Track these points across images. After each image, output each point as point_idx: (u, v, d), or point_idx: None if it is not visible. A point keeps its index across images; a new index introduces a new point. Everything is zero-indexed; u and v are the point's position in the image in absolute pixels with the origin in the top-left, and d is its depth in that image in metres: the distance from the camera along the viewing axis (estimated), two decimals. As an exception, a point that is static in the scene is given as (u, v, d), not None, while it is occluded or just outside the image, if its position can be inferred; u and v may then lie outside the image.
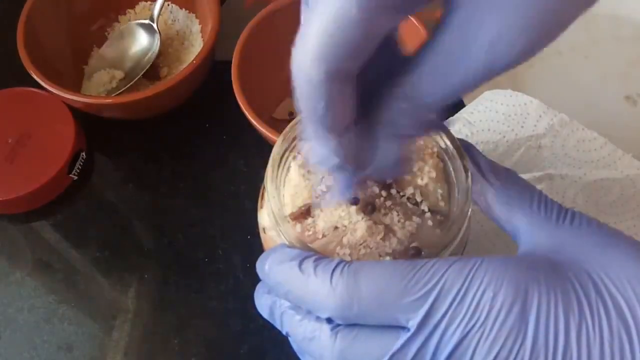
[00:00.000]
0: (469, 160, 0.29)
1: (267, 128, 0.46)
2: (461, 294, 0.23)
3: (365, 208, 0.29)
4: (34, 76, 0.51)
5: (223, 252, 0.50)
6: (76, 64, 0.60)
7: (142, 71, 0.58)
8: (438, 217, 0.30)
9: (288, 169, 0.30)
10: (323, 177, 0.29)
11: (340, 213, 0.28)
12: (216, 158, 0.56)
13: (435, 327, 0.23)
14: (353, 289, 0.24)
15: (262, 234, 0.33)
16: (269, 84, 0.53)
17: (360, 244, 0.28)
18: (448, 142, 0.30)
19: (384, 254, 0.28)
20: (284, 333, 0.28)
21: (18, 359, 0.46)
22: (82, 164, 0.54)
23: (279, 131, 0.37)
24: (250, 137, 0.53)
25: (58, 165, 0.52)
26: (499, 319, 0.22)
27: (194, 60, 0.52)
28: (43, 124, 0.54)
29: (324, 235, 0.28)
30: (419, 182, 0.30)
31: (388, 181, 0.30)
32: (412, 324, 0.23)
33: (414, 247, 0.28)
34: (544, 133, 0.43)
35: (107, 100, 0.53)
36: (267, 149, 0.31)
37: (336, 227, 0.29)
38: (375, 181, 0.30)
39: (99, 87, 0.58)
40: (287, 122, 0.32)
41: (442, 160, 0.30)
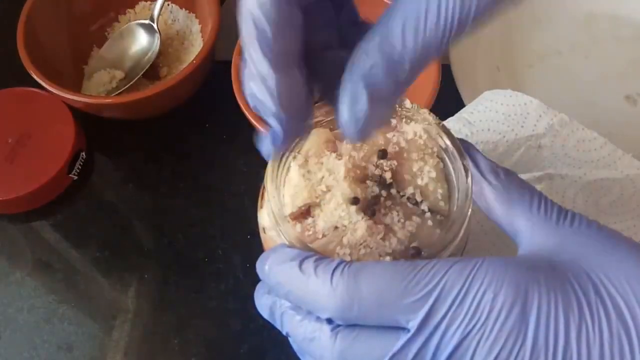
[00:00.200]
0: (469, 160, 0.29)
1: (267, 128, 0.46)
2: (461, 294, 0.23)
3: (366, 208, 0.29)
4: (34, 76, 0.51)
5: (223, 252, 0.50)
6: (76, 64, 0.60)
7: (142, 71, 0.58)
8: (438, 217, 0.30)
9: (288, 169, 0.30)
10: (323, 177, 0.30)
11: (340, 213, 0.28)
12: (216, 158, 0.56)
13: (436, 328, 0.23)
14: (353, 290, 0.24)
15: (262, 234, 0.33)
16: (269, 84, 0.53)
17: (361, 244, 0.28)
18: (448, 142, 0.30)
19: (384, 254, 0.28)
20: (284, 333, 0.28)
21: (18, 359, 0.46)
22: (82, 164, 0.54)
23: (279, 131, 0.37)
24: (250, 137, 0.53)
25: (58, 165, 0.52)
26: (499, 320, 0.23)
27: (194, 60, 0.52)
28: (43, 124, 0.54)
29: (324, 235, 0.28)
30: (419, 182, 0.30)
31: (388, 181, 0.30)
32: (413, 324, 0.23)
33: (414, 247, 0.28)
34: (544, 133, 0.43)
35: (107, 100, 0.53)
36: (267, 149, 0.31)
37: (336, 227, 0.29)
38: (375, 181, 0.30)
39: (99, 87, 0.58)
40: (287, 122, 0.32)
41: (442, 160, 0.30)
